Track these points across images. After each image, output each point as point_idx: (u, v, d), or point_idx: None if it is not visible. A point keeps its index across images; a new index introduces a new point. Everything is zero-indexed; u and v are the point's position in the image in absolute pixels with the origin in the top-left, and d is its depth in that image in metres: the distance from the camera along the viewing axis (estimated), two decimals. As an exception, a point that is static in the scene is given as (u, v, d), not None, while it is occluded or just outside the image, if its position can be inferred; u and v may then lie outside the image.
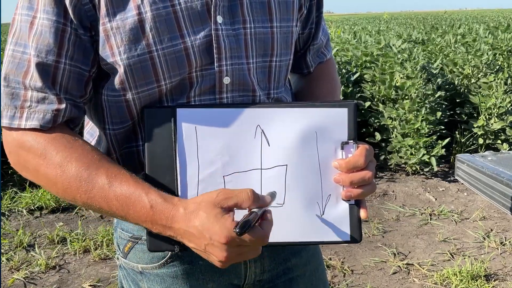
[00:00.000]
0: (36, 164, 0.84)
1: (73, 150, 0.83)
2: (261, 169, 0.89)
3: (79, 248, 3.15)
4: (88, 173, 0.82)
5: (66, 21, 0.83)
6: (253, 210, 0.78)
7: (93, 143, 0.98)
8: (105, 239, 3.22)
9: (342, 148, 0.90)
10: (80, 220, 3.59)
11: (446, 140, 4.21)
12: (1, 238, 3.30)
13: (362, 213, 0.91)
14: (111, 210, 0.83)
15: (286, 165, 0.89)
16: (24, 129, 0.84)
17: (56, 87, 0.84)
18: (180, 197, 0.87)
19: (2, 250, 3.16)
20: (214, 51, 0.88)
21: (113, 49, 0.84)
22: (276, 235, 0.90)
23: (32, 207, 3.78)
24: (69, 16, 0.83)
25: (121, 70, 0.86)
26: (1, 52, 6.11)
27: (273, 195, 0.85)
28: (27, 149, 0.84)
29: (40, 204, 3.78)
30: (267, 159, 0.88)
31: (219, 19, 0.88)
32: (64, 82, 0.85)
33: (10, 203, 3.85)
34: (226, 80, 0.90)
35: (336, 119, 0.89)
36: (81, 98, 0.88)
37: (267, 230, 0.78)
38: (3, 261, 3.03)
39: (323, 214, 0.91)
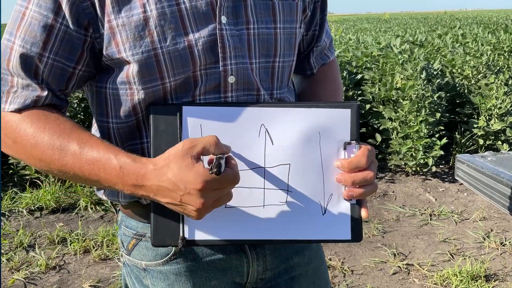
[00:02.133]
0: (13, 137, 0.87)
1: (47, 121, 0.86)
2: (264, 167, 0.90)
3: (79, 249, 3.15)
4: (60, 141, 0.84)
5: (57, 17, 0.84)
6: (218, 156, 0.80)
7: None
8: (105, 239, 3.22)
9: (345, 149, 0.91)
10: (80, 220, 3.59)
11: (443, 141, 4.21)
12: (1, 239, 3.30)
13: (363, 213, 0.93)
14: (84, 175, 0.84)
15: (289, 164, 0.90)
16: (6, 112, 0.88)
17: (38, 78, 0.87)
18: None
19: (2, 251, 3.16)
20: (219, 50, 0.89)
21: (119, 46, 0.85)
22: (278, 233, 0.91)
23: (32, 207, 3.78)
24: (62, 13, 0.84)
25: (127, 66, 0.87)
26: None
27: (227, 146, 0.86)
28: (4, 123, 0.87)
29: (40, 204, 3.78)
30: (271, 158, 0.89)
31: (223, 19, 0.89)
32: (45, 75, 0.87)
33: (10, 204, 3.85)
34: (231, 79, 0.91)
35: (339, 119, 0.90)
36: (61, 92, 0.91)
37: (236, 170, 0.81)
38: (3, 261, 3.03)
39: (324, 213, 0.92)
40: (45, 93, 0.87)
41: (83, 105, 4.29)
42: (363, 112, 4.55)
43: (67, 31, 0.85)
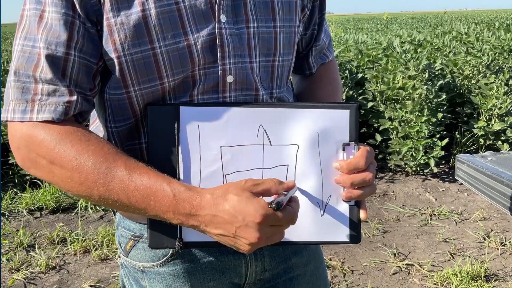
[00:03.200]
0: (50, 157, 0.82)
1: (89, 143, 0.82)
2: (262, 168, 0.89)
3: (79, 249, 3.15)
4: (106, 165, 0.81)
5: (74, 14, 0.83)
6: (282, 193, 0.80)
7: None
8: (105, 239, 3.22)
9: (344, 149, 0.90)
10: (80, 220, 3.59)
11: (445, 141, 4.21)
12: (1, 239, 3.30)
13: (362, 214, 0.92)
14: (131, 202, 0.81)
15: (288, 165, 0.89)
16: (35, 123, 0.83)
17: (66, 79, 0.84)
18: None
19: (2, 251, 3.16)
20: (218, 49, 0.88)
21: (116, 44, 0.85)
22: None
23: (32, 207, 3.78)
24: (77, 9, 0.83)
25: (123, 66, 0.86)
26: (1, 53, 6.11)
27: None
28: (38, 143, 0.82)
29: (40, 204, 3.78)
30: (269, 159, 0.89)
31: (223, 18, 0.88)
32: (74, 74, 0.85)
33: (10, 204, 3.85)
34: (230, 78, 0.91)
35: (338, 120, 0.89)
36: (91, 91, 0.88)
37: (296, 210, 0.80)
38: (3, 261, 3.03)
39: (323, 214, 0.91)
40: (74, 97, 0.84)
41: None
42: (363, 111, 4.55)
43: (86, 27, 0.84)
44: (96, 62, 0.87)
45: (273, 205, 0.75)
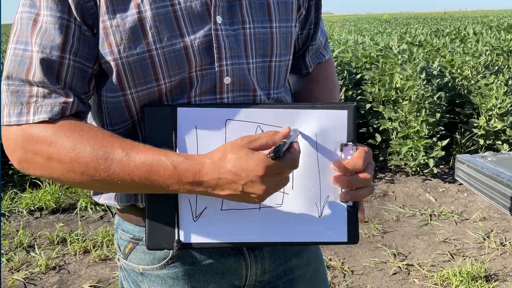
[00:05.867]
0: (47, 153, 0.82)
1: (84, 132, 0.83)
2: None
3: (79, 249, 3.15)
4: (103, 151, 0.81)
5: (70, 17, 0.83)
6: (284, 140, 0.80)
7: None
8: (105, 239, 3.22)
9: (341, 150, 0.90)
10: (80, 220, 3.59)
11: (445, 142, 4.21)
12: (1, 239, 3.30)
13: (360, 215, 0.92)
14: (134, 181, 0.82)
15: None
16: (31, 124, 0.83)
17: (61, 83, 0.84)
18: (179, 196, 0.88)
19: (2, 251, 3.16)
20: (214, 51, 0.88)
21: (112, 47, 0.85)
22: (274, 235, 0.91)
23: (32, 207, 3.79)
24: (73, 13, 0.83)
25: (119, 68, 0.86)
26: (1, 54, 6.12)
27: (295, 130, 0.86)
28: (34, 141, 0.82)
29: (40, 204, 3.78)
30: None
31: (219, 19, 0.88)
32: (68, 78, 0.85)
33: (10, 204, 3.85)
34: (227, 80, 0.91)
35: (336, 120, 0.89)
36: (85, 94, 0.88)
37: (296, 155, 0.80)
38: (3, 261, 3.03)
39: (321, 215, 0.91)
40: (71, 99, 0.84)
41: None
42: (363, 112, 4.55)
43: (81, 31, 0.84)
44: (91, 66, 0.87)
45: (272, 155, 0.75)
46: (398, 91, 4.31)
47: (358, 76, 4.79)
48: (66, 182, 0.85)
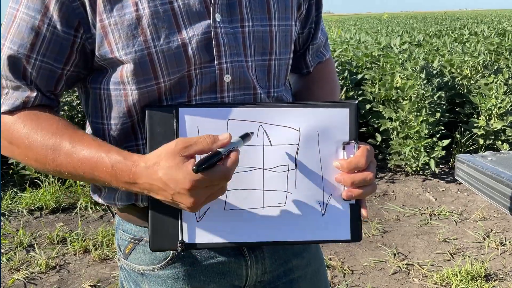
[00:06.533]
0: (9, 138, 0.88)
1: (39, 121, 0.86)
2: (263, 168, 0.89)
3: (79, 248, 3.15)
4: (53, 141, 0.84)
5: (44, 18, 0.84)
6: (218, 150, 0.77)
7: None
8: (105, 239, 3.22)
9: (344, 148, 0.90)
10: (80, 220, 3.59)
11: (446, 142, 4.21)
12: (1, 238, 3.30)
13: (363, 213, 0.92)
14: (79, 174, 0.85)
15: (288, 165, 0.89)
16: (1, 113, 0.88)
17: (27, 80, 0.88)
18: None
19: (2, 250, 3.16)
20: (214, 48, 0.88)
21: (112, 45, 0.85)
22: (278, 234, 0.91)
23: (32, 207, 3.78)
24: (50, 14, 0.84)
25: (120, 66, 0.86)
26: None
27: (245, 135, 0.84)
28: (3, 125, 0.88)
29: (40, 204, 3.78)
30: (269, 159, 0.89)
31: (218, 17, 0.88)
32: (33, 76, 0.87)
33: (10, 203, 3.84)
34: (227, 78, 0.90)
35: (337, 119, 0.89)
36: (50, 93, 0.91)
37: (229, 167, 0.77)
38: (3, 261, 3.03)
39: (324, 213, 0.91)
40: (34, 93, 0.88)
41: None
42: (363, 112, 4.55)
43: (55, 32, 0.85)
44: (61, 67, 0.88)
45: (194, 168, 0.74)
46: (398, 90, 4.31)
47: (359, 76, 4.79)
48: (31, 166, 0.91)
